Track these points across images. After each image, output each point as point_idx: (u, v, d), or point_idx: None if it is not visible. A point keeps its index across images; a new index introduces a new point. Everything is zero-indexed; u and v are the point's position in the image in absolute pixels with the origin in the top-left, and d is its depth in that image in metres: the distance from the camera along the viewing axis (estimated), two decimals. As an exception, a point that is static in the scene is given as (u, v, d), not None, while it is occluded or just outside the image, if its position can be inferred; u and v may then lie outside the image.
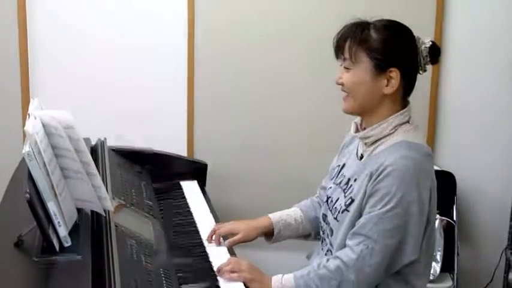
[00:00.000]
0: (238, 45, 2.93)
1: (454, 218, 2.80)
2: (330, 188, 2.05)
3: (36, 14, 3.02)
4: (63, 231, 1.77)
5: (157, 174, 2.70)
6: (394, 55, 1.86)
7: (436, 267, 2.68)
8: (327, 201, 2.04)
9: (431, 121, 2.83)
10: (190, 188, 2.65)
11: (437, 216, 2.60)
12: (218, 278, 1.95)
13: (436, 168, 1.98)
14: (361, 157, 1.96)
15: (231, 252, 2.13)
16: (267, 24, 2.90)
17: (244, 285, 1.92)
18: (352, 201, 1.89)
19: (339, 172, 2.04)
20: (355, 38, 1.87)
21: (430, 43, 1.90)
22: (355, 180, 1.92)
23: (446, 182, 2.69)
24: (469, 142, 2.89)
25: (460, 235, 2.84)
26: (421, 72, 1.92)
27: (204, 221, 2.34)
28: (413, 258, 1.84)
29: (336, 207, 1.96)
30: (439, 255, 2.70)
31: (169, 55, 3.00)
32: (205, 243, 2.17)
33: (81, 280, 1.61)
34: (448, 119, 2.88)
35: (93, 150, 2.52)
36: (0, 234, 1.86)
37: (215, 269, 1.99)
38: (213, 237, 2.17)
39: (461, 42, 2.82)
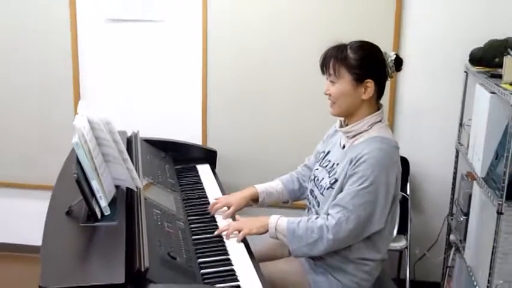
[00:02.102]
0: (243, 54, 2.86)
1: (408, 192, 2.80)
2: (317, 169, 2.04)
3: (86, 35, 3.01)
4: (103, 203, 1.78)
5: (178, 159, 2.67)
6: (368, 69, 1.86)
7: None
8: (314, 179, 2.03)
9: (390, 117, 2.81)
10: (203, 170, 2.63)
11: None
12: (224, 239, 1.94)
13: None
14: (344, 147, 1.95)
15: (233, 218, 2.12)
16: (270, 31, 2.81)
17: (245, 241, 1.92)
18: (336, 180, 1.88)
19: (324, 157, 2.03)
20: (336, 58, 1.87)
21: (395, 56, 1.91)
22: (337, 164, 1.92)
23: (401, 165, 2.61)
24: (420, 134, 2.85)
25: (411, 205, 2.83)
26: (389, 79, 1.92)
27: (214, 196, 2.32)
28: (378, 228, 1.84)
29: (321, 185, 1.96)
30: (396, 221, 2.66)
31: (188, 71, 2.96)
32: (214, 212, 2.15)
33: (117, 241, 1.63)
34: (404, 117, 2.84)
35: (128, 140, 2.50)
36: (55, 206, 1.87)
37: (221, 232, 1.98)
38: (212, 211, 2.14)
39: (415, 54, 2.75)
